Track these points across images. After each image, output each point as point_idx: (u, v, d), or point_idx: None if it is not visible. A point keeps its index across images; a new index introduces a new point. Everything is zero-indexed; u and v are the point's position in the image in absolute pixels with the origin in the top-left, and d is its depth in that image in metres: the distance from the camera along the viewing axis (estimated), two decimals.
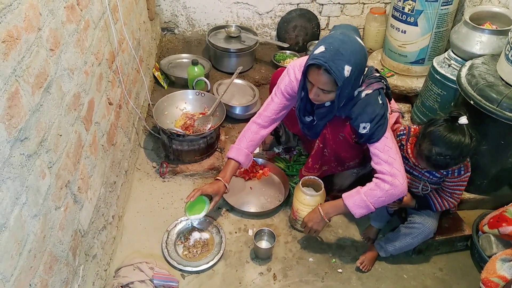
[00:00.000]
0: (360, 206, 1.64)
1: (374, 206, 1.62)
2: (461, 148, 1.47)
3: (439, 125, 1.51)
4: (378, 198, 1.61)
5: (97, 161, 1.56)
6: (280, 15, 3.03)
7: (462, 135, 1.47)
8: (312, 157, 1.91)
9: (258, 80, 2.81)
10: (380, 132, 1.60)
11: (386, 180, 1.59)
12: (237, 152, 1.86)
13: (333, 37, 1.50)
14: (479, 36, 2.00)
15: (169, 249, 1.81)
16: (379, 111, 1.58)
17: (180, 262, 1.76)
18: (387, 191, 1.59)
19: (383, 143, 1.61)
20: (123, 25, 1.90)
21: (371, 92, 1.60)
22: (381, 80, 1.65)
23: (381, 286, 1.78)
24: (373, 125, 1.59)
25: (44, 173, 1.13)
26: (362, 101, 1.60)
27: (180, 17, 3.05)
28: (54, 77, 1.20)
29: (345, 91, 1.55)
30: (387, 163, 1.60)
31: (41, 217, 1.11)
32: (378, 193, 1.61)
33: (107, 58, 1.70)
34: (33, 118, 1.07)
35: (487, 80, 1.76)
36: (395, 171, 1.59)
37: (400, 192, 1.60)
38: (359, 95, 1.61)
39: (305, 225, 1.78)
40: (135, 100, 2.17)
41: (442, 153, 1.49)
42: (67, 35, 1.31)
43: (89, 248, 1.47)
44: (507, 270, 1.64)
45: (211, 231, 1.91)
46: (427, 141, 1.53)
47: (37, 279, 1.09)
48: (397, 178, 1.58)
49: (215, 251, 1.82)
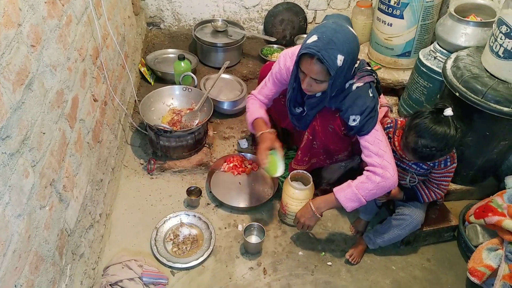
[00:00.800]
0: (352, 199, 1.64)
1: (366, 199, 1.63)
2: (447, 139, 1.49)
3: (425, 117, 1.52)
4: (369, 191, 1.61)
5: (83, 159, 1.54)
6: (266, 9, 3.01)
7: (447, 126, 1.49)
8: (301, 149, 1.91)
9: (246, 74, 2.79)
10: (370, 125, 1.60)
11: (377, 172, 1.60)
12: (257, 112, 1.88)
13: (326, 26, 1.50)
14: (464, 28, 2.02)
15: (158, 246, 1.80)
16: (369, 104, 1.59)
17: (170, 259, 1.75)
18: (378, 183, 1.60)
19: (373, 135, 1.61)
20: (107, 20, 1.87)
21: (362, 85, 1.61)
22: (372, 73, 1.66)
23: (370, 277, 1.79)
24: (363, 117, 1.59)
25: (28, 172, 1.11)
26: (353, 94, 1.61)
27: (166, 11, 3.01)
28: (36, 73, 1.17)
29: (338, 80, 1.55)
30: (377, 156, 1.61)
31: (25, 217, 1.09)
32: (369, 186, 1.61)
33: (91, 54, 1.67)
34: (14, 116, 1.05)
35: (472, 72, 1.78)
36: (385, 163, 1.60)
37: (391, 184, 1.61)
38: (350, 87, 1.61)
39: (298, 221, 1.78)
40: (121, 97, 2.14)
41: (428, 145, 1.50)
42: (49, 31, 1.28)
43: (76, 247, 1.45)
44: (493, 259, 1.67)
45: (200, 226, 1.90)
46: (413, 133, 1.54)
47: (23, 279, 1.08)
48: (387, 170, 1.59)
49: (205, 247, 1.81)
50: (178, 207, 2.00)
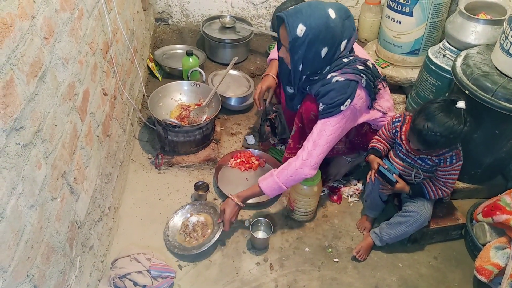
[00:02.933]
0: (273, 188, 1.72)
1: (286, 185, 1.71)
2: (453, 129, 1.50)
3: (437, 103, 1.54)
4: (288, 177, 1.69)
5: (93, 152, 1.55)
6: (275, 6, 3.00)
7: (457, 117, 1.50)
8: (292, 137, 1.95)
9: (253, 71, 2.79)
10: (328, 115, 1.65)
11: (300, 157, 1.68)
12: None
13: (307, 2, 1.63)
14: (474, 26, 2.01)
15: (171, 239, 1.82)
16: (338, 100, 1.63)
17: (184, 249, 1.78)
18: (297, 169, 1.67)
19: (324, 125, 1.67)
20: (117, 14, 1.88)
21: (342, 80, 1.64)
22: (361, 73, 1.66)
23: (377, 274, 1.80)
24: (326, 107, 1.65)
25: (40, 163, 1.12)
26: (330, 85, 1.66)
27: (174, 7, 3.02)
28: (49, 66, 1.18)
29: (298, 52, 1.61)
30: (312, 143, 1.67)
31: (37, 208, 1.10)
32: (289, 173, 1.69)
33: (101, 48, 1.68)
34: (28, 107, 1.06)
35: (482, 70, 1.77)
36: (313, 153, 1.67)
37: (307, 173, 1.68)
38: (331, 79, 1.66)
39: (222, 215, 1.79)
40: (130, 91, 2.15)
41: (434, 130, 1.50)
42: (61, 24, 1.29)
43: (86, 239, 1.47)
44: (500, 258, 1.66)
45: (208, 211, 1.91)
46: (421, 116, 1.54)
47: (35, 269, 1.09)
48: (310, 159, 1.67)
49: (215, 229, 1.82)
50: (186, 201, 2.01)
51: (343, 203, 2.07)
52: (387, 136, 1.81)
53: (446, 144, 1.58)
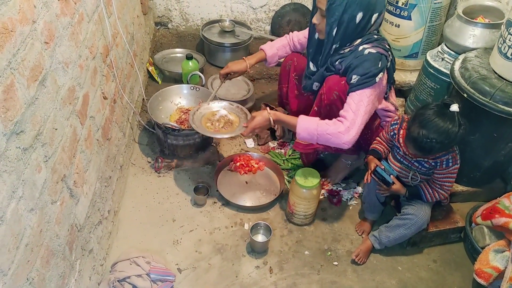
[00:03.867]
0: (307, 130, 1.69)
1: (318, 139, 1.68)
2: (448, 134, 1.50)
3: (430, 109, 1.54)
4: (326, 134, 1.66)
5: (92, 155, 1.55)
6: (274, 10, 3.02)
7: (451, 121, 1.50)
8: None
9: (253, 75, 2.80)
10: (364, 86, 1.66)
11: (344, 124, 1.66)
12: (269, 46, 2.12)
13: None
14: (472, 30, 2.02)
15: (195, 118, 1.91)
16: (372, 70, 1.66)
17: (201, 129, 1.87)
18: (339, 132, 1.65)
19: (360, 95, 1.67)
20: (117, 19, 1.88)
21: (375, 53, 1.68)
22: (388, 51, 1.73)
23: (376, 278, 1.80)
24: (362, 78, 1.66)
25: (40, 167, 1.13)
26: (363, 56, 1.68)
27: (174, 11, 3.03)
28: (49, 70, 1.19)
29: (335, 13, 1.65)
30: (353, 113, 1.66)
31: (37, 211, 1.11)
32: (330, 129, 1.66)
33: (101, 52, 1.69)
34: (28, 111, 1.06)
35: (480, 73, 1.78)
36: (356, 122, 1.65)
37: (346, 141, 1.65)
38: (363, 50, 1.70)
39: (250, 120, 1.79)
40: (130, 95, 2.16)
41: (429, 136, 1.51)
42: (62, 28, 1.29)
43: (86, 242, 1.47)
44: (500, 261, 1.66)
45: (240, 114, 1.98)
46: (416, 123, 1.55)
47: (34, 273, 1.09)
48: (352, 129, 1.65)
49: (238, 129, 1.88)
50: (185, 205, 2.01)
51: (342, 206, 2.07)
52: (386, 138, 1.82)
53: (442, 148, 1.59)
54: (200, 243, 1.86)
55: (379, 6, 1.69)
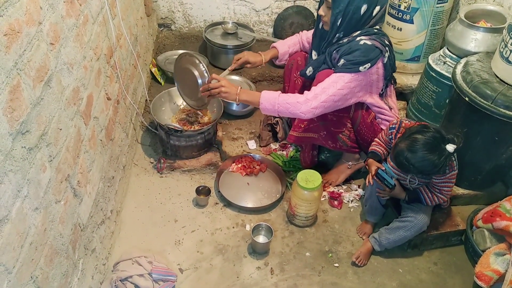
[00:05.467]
0: (269, 102, 1.77)
1: (279, 108, 1.75)
2: (428, 167, 1.54)
3: (426, 139, 1.54)
4: (286, 103, 1.74)
5: (96, 155, 1.57)
6: (276, 12, 3.03)
7: (438, 158, 1.53)
8: None
9: (255, 76, 2.81)
10: (346, 70, 1.72)
11: (306, 95, 1.74)
12: (282, 44, 2.16)
13: None
14: (474, 34, 2.03)
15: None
16: (359, 59, 1.70)
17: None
18: (297, 102, 1.73)
19: (338, 78, 1.73)
20: (121, 20, 1.90)
21: (369, 44, 1.71)
22: (386, 47, 1.76)
23: (377, 280, 1.80)
24: (347, 63, 1.72)
25: (45, 167, 1.14)
26: (357, 46, 1.72)
27: (177, 13, 3.05)
28: (54, 71, 1.20)
29: (340, 5, 1.69)
30: (321, 89, 1.73)
31: (42, 210, 1.12)
32: (289, 99, 1.75)
33: (105, 53, 1.70)
34: (34, 111, 1.08)
35: (481, 77, 1.78)
36: (319, 98, 1.72)
37: (304, 111, 1.73)
38: (359, 41, 1.74)
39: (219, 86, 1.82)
40: (133, 96, 2.17)
41: (410, 161, 1.55)
42: (67, 30, 1.31)
43: (88, 242, 1.48)
44: (500, 264, 1.67)
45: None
46: (406, 143, 1.57)
47: (38, 271, 1.10)
48: (312, 102, 1.72)
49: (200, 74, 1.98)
50: (187, 206, 2.02)
51: (343, 208, 2.08)
52: (385, 140, 1.83)
53: (416, 174, 1.65)
54: (201, 244, 1.87)
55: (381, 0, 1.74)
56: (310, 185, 1.82)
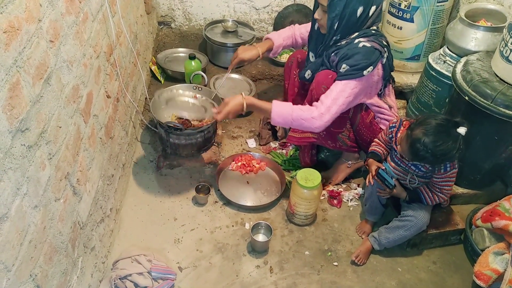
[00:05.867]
0: (283, 116, 1.74)
1: (293, 123, 1.74)
2: (445, 152, 1.52)
3: (440, 122, 1.54)
4: (300, 119, 1.72)
5: (96, 153, 1.56)
6: (277, 10, 3.02)
7: (453, 142, 1.51)
8: None
9: (255, 75, 2.81)
10: (350, 77, 1.70)
11: (318, 109, 1.71)
12: (277, 35, 2.11)
13: None
14: (474, 33, 2.02)
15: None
16: (362, 63, 1.68)
17: None
18: (312, 117, 1.71)
19: (344, 86, 1.71)
20: (121, 18, 1.89)
21: (369, 47, 1.70)
22: (384, 47, 1.76)
23: (376, 279, 1.80)
24: (350, 69, 1.70)
25: (44, 165, 1.14)
26: (357, 49, 1.71)
27: (177, 11, 3.04)
28: (54, 68, 1.20)
29: (336, 9, 1.67)
30: (332, 100, 1.71)
31: (41, 208, 1.12)
32: (304, 115, 1.72)
33: (105, 51, 1.70)
34: (33, 109, 1.08)
35: (481, 76, 1.78)
36: (331, 110, 1.71)
37: (318, 125, 1.72)
38: (358, 43, 1.72)
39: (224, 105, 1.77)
40: (132, 94, 2.17)
41: (427, 146, 1.52)
42: (67, 27, 1.30)
43: (88, 240, 1.48)
44: (499, 263, 1.67)
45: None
46: (421, 129, 1.54)
47: (38, 269, 1.10)
48: (326, 115, 1.71)
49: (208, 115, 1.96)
50: (187, 204, 2.02)
51: (343, 207, 2.08)
52: (385, 139, 1.83)
53: (432, 162, 1.62)
54: (201, 242, 1.87)
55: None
56: (310, 184, 1.81)
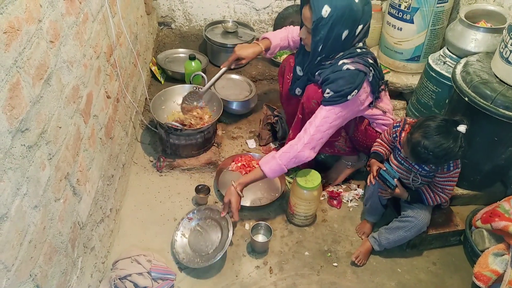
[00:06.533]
0: (275, 170, 1.76)
1: (287, 167, 1.76)
2: (447, 151, 1.52)
3: (438, 123, 1.54)
4: (290, 160, 1.74)
5: (95, 154, 1.57)
6: (277, 11, 3.03)
7: (454, 141, 1.51)
8: (292, 129, 1.97)
9: (255, 75, 2.81)
10: (334, 103, 1.69)
11: (302, 140, 1.72)
12: (273, 35, 2.07)
13: None
14: (474, 34, 2.03)
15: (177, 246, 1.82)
16: (345, 89, 1.66)
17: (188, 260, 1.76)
18: (299, 152, 1.73)
19: (328, 112, 1.71)
20: (121, 18, 1.90)
21: (353, 69, 1.68)
22: (370, 67, 1.72)
23: (376, 279, 1.80)
24: (334, 95, 1.68)
25: (44, 165, 1.14)
26: (341, 73, 1.69)
27: (177, 11, 3.05)
28: (54, 69, 1.20)
29: (320, 32, 1.64)
30: (315, 128, 1.71)
31: (41, 208, 1.12)
32: (290, 155, 1.73)
33: (105, 52, 1.70)
34: (33, 109, 1.08)
35: (481, 77, 1.79)
36: (315, 137, 1.72)
37: (308, 156, 1.74)
38: (342, 66, 1.70)
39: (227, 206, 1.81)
40: (132, 94, 2.17)
41: (428, 148, 1.52)
42: (67, 28, 1.31)
43: (88, 240, 1.48)
44: (499, 264, 1.67)
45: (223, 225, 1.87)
46: (420, 132, 1.55)
47: (37, 269, 1.10)
48: (310, 143, 1.72)
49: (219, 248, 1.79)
50: (187, 204, 2.02)
51: (343, 208, 2.08)
52: (388, 139, 1.83)
53: (436, 163, 1.62)
54: None
55: (364, 18, 1.67)
56: (310, 185, 1.81)
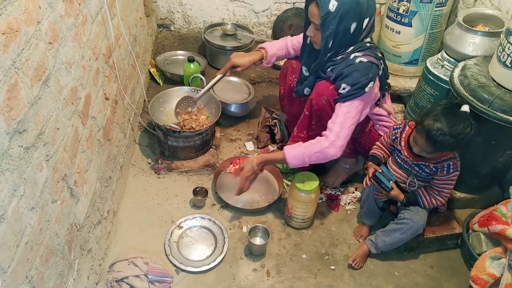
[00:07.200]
0: (298, 157, 1.74)
1: (310, 160, 1.74)
2: (461, 130, 1.51)
3: (443, 106, 1.56)
4: (314, 153, 1.72)
5: (93, 155, 1.56)
6: (276, 14, 3.04)
7: (464, 119, 1.52)
8: (298, 126, 1.97)
9: (254, 78, 2.82)
10: (353, 97, 1.69)
11: (329, 138, 1.70)
12: (270, 45, 2.09)
13: None
14: (472, 38, 2.03)
15: (172, 247, 1.82)
16: (362, 80, 1.67)
17: (182, 261, 1.77)
18: (325, 148, 1.70)
19: (348, 107, 1.70)
20: (120, 20, 1.90)
21: (365, 62, 1.69)
22: (380, 59, 1.74)
23: (373, 282, 1.80)
24: (351, 89, 1.67)
25: (42, 166, 1.14)
26: (354, 66, 1.69)
27: (176, 14, 3.05)
28: (53, 70, 1.20)
29: (330, 27, 1.65)
30: (339, 125, 1.70)
31: (38, 210, 1.12)
32: (316, 148, 1.71)
33: (104, 53, 1.70)
34: (31, 110, 1.08)
35: (479, 81, 1.79)
36: (341, 135, 1.70)
37: (333, 154, 1.71)
38: (354, 59, 1.70)
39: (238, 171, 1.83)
40: (131, 96, 2.17)
41: (443, 130, 1.51)
42: (65, 29, 1.31)
43: (85, 242, 1.47)
44: (496, 268, 1.68)
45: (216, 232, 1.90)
46: (430, 117, 1.54)
47: (34, 271, 1.10)
48: (337, 141, 1.70)
49: (217, 253, 1.81)
50: (184, 207, 2.02)
51: (340, 211, 2.08)
52: (387, 142, 1.84)
53: (454, 145, 1.56)
54: None
55: (370, 11, 1.70)
56: (307, 187, 1.82)
